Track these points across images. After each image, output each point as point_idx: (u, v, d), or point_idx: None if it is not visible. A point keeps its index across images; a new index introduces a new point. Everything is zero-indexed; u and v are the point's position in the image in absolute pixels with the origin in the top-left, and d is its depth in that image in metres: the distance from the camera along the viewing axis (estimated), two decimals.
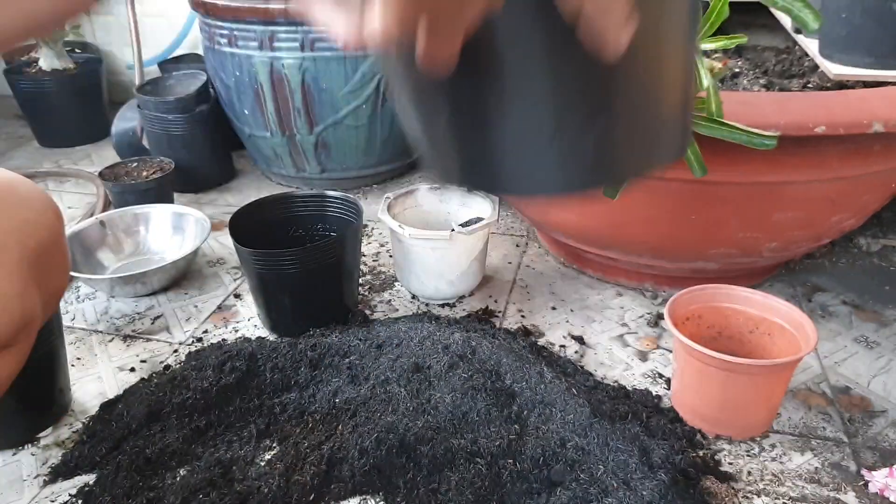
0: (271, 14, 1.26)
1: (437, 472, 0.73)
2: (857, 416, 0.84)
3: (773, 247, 0.94)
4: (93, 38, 2.05)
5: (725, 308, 0.86)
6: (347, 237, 0.96)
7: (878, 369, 0.92)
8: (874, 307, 1.05)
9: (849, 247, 1.22)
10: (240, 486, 0.72)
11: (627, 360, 0.94)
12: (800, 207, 0.87)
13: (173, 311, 1.08)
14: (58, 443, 0.82)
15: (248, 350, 0.89)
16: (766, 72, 1.15)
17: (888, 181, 0.89)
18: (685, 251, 0.96)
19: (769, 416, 0.81)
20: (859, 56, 0.87)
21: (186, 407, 0.82)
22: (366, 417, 0.80)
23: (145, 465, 0.76)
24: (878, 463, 0.77)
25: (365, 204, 1.40)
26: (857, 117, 0.74)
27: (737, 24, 1.39)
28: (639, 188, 0.88)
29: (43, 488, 0.76)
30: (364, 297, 1.10)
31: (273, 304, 0.98)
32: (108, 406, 0.86)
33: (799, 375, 0.90)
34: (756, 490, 0.74)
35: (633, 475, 0.69)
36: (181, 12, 1.89)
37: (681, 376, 0.82)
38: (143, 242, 1.22)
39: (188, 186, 1.49)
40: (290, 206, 1.06)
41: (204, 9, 1.33)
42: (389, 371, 0.85)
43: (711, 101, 0.63)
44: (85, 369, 0.95)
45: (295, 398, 0.84)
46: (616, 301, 1.08)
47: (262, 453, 0.78)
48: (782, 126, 0.74)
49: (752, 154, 0.81)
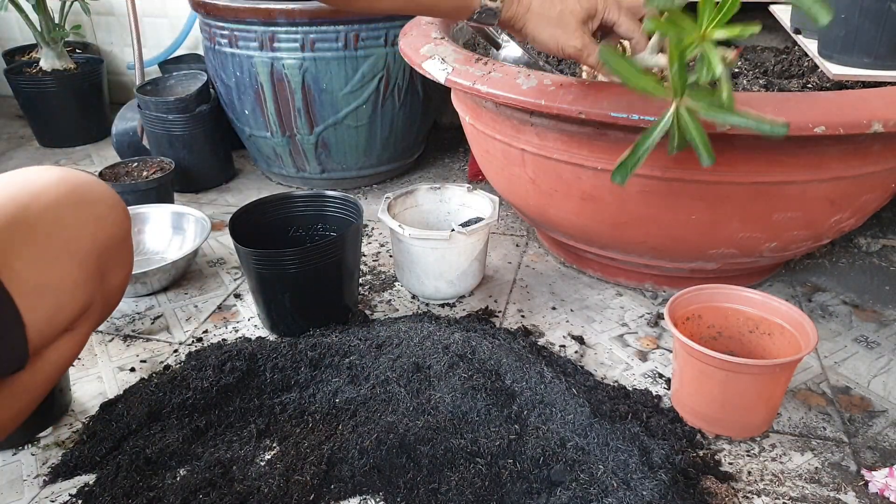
0: (272, 14, 1.26)
1: (437, 472, 0.73)
2: (857, 416, 0.84)
3: (772, 247, 0.94)
4: (93, 38, 2.05)
5: (725, 308, 0.86)
6: (347, 237, 0.96)
7: (879, 369, 0.92)
8: (874, 307, 1.05)
9: (849, 247, 1.22)
10: (240, 485, 0.72)
11: (627, 360, 0.94)
12: (799, 207, 0.87)
13: (173, 311, 1.08)
14: (58, 443, 0.82)
15: (248, 350, 0.90)
16: (766, 72, 1.15)
17: (888, 181, 0.89)
18: (685, 251, 0.97)
19: (769, 416, 0.81)
20: (858, 56, 0.87)
21: (186, 407, 0.83)
22: (366, 417, 0.80)
23: (145, 465, 0.76)
24: (878, 463, 0.77)
25: (365, 204, 1.40)
26: (857, 117, 0.74)
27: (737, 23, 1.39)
28: (639, 188, 0.88)
29: (43, 488, 0.76)
30: (364, 297, 1.10)
31: (273, 304, 0.98)
32: (108, 406, 0.86)
33: (799, 375, 0.90)
34: (756, 490, 0.74)
35: (633, 475, 0.69)
36: (182, 12, 1.89)
37: (681, 376, 0.82)
38: (144, 242, 1.22)
39: (188, 186, 1.49)
40: (291, 206, 1.06)
41: (204, 9, 1.33)
42: (389, 371, 0.85)
43: (723, 89, 0.64)
44: (85, 369, 0.95)
45: (295, 398, 0.84)
46: (616, 301, 1.08)
47: (263, 453, 0.78)
48: None
49: (752, 154, 0.82)
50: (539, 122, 0.90)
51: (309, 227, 1.07)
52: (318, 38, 1.27)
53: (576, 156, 0.89)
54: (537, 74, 0.86)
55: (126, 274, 0.69)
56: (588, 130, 0.86)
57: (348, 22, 1.26)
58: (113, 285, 0.67)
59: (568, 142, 0.89)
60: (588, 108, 0.80)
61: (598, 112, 0.79)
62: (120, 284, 0.69)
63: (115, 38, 2.04)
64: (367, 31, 1.28)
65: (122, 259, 0.67)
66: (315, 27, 1.26)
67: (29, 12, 1.69)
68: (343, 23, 1.26)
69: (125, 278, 0.69)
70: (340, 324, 0.99)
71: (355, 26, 1.27)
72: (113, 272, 0.66)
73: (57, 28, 1.74)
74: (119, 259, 0.67)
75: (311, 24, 1.26)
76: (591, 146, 0.87)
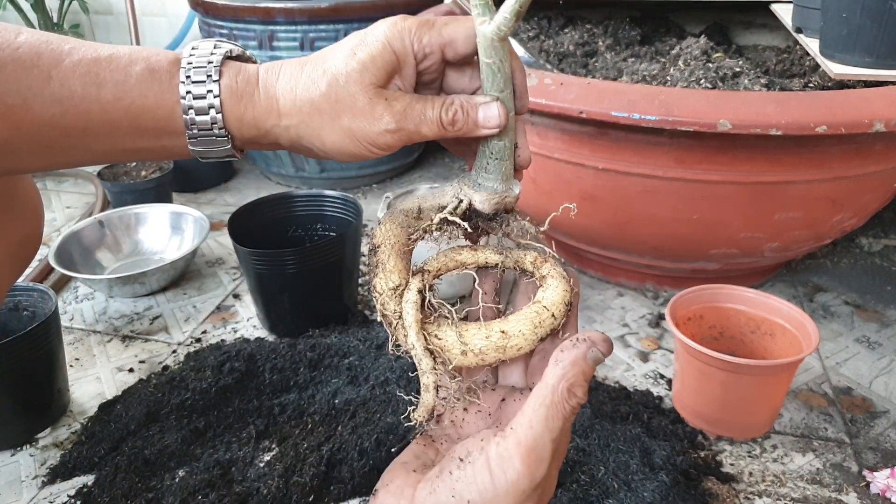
0: (271, 13, 1.25)
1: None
2: (858, 417, 0.84)
3: (774, 247, 0.93)
4: (92, 37, 2.05)
5: (727, 308, 0.86)
6: (347, 237, 0.95)
7: (880, 370, 0.92)
8: (876, 307, 1.05)
9: (850, 247, 1.22)
10: (239, 487, 0.72)
11: (628, 361, 0.94)
12: (801, 207, 0.87)
13: (172, 312, 1.08)
14: (56, 444, 0.82)
15: (247, 351, 0.89)
16: (767, 71, 1.15)
17: (890, 181, 0.89)
18: (686, 251, 0.96)
19: (771, 417, 0.81)
20: (860, 56, 0.86)
21: (185, 408, 0.82)
22: (365, 418, 0.79)
23: (144, 466, 0.75)
24: (879, 464, 0.77)
25: (365, 204, 1.40)
26: (859, 117, 0.74)
27: (737, 23, 1.39)
28: (640, 188, 0.87)
29: (41, 489, 0.76)
30: (364, 297, 1.09)
31: (272, 305, 0.97)
32: (106, 407, 0.86)
33: (800, 376, 0.90)
34: (757, 491, 0.74)
35: (634, 476, 0.69)
36: (180, 11, 1.89)
37: (682, 377, 0.81)
38: (142, 242, 1.22)
39: (187, 186, 1.48)
40: (290, 205, 1.05)
41: (203, 8, 1.33)
42: (389, 372, 0.85)
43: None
44: (83, 370, 0.94)
45: (294, 399, 0.84)
46: (617, 301, 1.08)
47: (262, 454, 0.78)
48: (784, 126, 0.74)
49: (753, 153, 0.81)
50: (540, 121, 0.90)
51: (308, 227, 1.06)
52: (317, 37, 1.26)
53: (576, 155, 0.89)
54: (538, 73, 0.85)
55: (28, 225, 0.56)
56: (589, 130, 0.85)
57: (348, 21, 1.26)
58: (11, 242, 0.54)
59: (569, 141, 0.88)
60: (589, 108, 0.79)
61: (599, 111, 0.79)
62: (23, 241, 0.56)
63: (114, 37, 2.03)
64: None
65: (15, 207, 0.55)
66: (314, 26, 1.26)
67: (27, 11, 1.68)
68: (342, 21, 1.26)
69: (29, 230, 0.56)
70: (340, 324, 0.99)
71: (355, 25, 1.26)
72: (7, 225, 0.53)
73: (55, 27, 1.74)
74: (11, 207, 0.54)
75: (311, 22, 1.25)
76: (592, 145, 0.86)
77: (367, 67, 0.39)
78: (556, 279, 0.42)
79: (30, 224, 0.57)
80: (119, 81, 0.39)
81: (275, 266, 0.93)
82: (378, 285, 0.41)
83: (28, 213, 0.56)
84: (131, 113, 0.39)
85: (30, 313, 0.87)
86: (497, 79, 0.39)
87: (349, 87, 0.39)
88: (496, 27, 0.36)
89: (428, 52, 0.40)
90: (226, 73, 0.40)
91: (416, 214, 0.44)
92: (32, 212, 0.57)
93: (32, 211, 0.57)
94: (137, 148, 0.41)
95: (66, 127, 0.39)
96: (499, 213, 0.43)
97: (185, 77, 0.39)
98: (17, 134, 0.38)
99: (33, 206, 0.57)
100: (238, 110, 0.40)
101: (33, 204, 0.57)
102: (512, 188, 0.43)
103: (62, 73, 0.38)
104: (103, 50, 0.39)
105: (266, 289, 0.96)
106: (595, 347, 0.37)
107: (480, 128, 0.40)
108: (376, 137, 0.40)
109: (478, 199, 0.42)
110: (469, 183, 0.43)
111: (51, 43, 0.39)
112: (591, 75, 1.12)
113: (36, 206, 0.58)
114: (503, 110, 0.40)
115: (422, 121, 0.40)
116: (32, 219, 0.57)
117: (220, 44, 0.42)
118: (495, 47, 0.37)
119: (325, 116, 0.40)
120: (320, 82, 0.39)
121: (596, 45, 1.24)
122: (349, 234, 0.96)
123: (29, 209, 0.56)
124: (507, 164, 0.42)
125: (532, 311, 0.41)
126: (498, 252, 0.45)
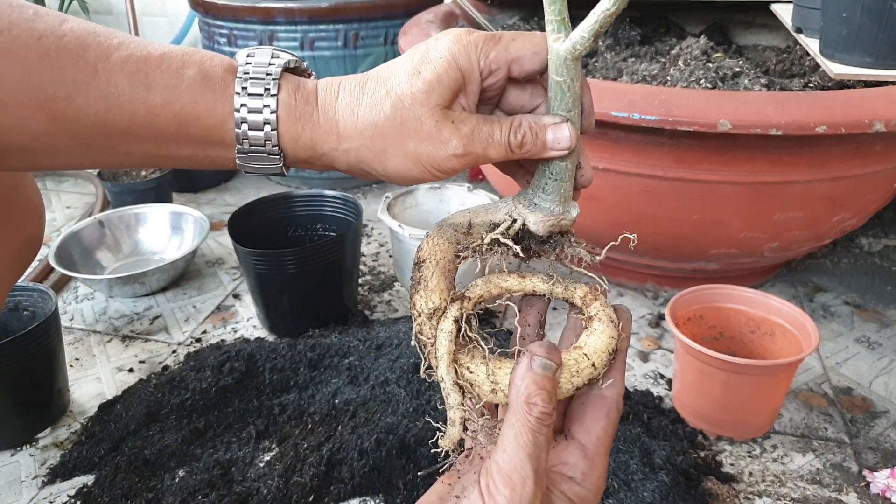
0: (271, 13, 1.25)
1: (437, 473, 0.72)
2: (858, 417, 0.84)
3: (774, 247, 0.93)
4: None
5: (727, 308, 0.86)
6: (347, 237, 0.95)
7: (880, 370, 0.92)
8: (876, 307, 1.05)
9: (850, 247, 1.22)
10: (239, 487, 0.72)
11: (629, 361, 0.94)
12: (801, 207, 0.87)
13: (172, 312, 1.08)
14: (56, 443, 0.82)
15: (247, 351, 0.89)
16: (767, 71, 1.15)
17: (889, 181, 0.89)
18: (686, 251, 0.96)
19: (771, 417, 0.81)
20: (860, 56, 0.86)
21: (185, 408, 0.82)
22: (365, 418, 0.79)
23: (144, 466, 0.75)
24: (879, 464, 0.77)
25: (365, 204, 1.40)
26: (859, 117, 0.74)
27: (737, 23, 1.39)
28: (641, 188, 0.87)
29: (41, 489, 0.76)
30: (364, 297, 1.09)
31: (272, 305, 0.97)
32: (106, 407, 0.86)
33: (800, 376, 0.90)
34: (757, 491, 0.74)
35: (634, 476, 0.69)
36: (180, 11, 1.89)
37: (682, 377, 0.81)
38: (142, 242, 1.22)
39: (187, 186, 1.48)
40: (290, 205, 1.05)
41: (203, 8, 1.33)
42: (389, 372, 0.85)
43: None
44: (83, 370, 0.94)
45: (294, 399, 0.84)
46: (617, 301, 1.08)
47: (262, 454, 0.78)
48: (784, 126, 0.74)
49: (753, 154, 0.81)
50: None
51: (308, 227, 1.06)
52: (317, 37, 1.26)
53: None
54: None
55: (29, 228, 0.56)
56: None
57: (348, 21, 1.26)
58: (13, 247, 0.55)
59: None
60: None
61: (599, 111, 0.79)
62: (23, 245, 0.56)
63: None
64: (367, 29, 1.28)
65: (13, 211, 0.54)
66: (314, 26, 1.26)
67: None
68: (342, 21, 1.26)
69: (29, 233, 0.56)
70: (340, 324, 0.99)
71: (354, 25, 1.26)
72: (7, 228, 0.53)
73: None
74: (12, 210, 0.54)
75: (311, 22, 1.25)
76: (592, 145, 0.86)
77: (433, 88, 0.36)
78: (604, 323, 0.40)
79: (31, 227, 0.57)
80: (170, 85, 0.36)
81: (275, 266, 0.93)
82: (418, 303, 0.40)
83: (29, 215, 0.56)
84: (179, 119, 0.37)
85: (30, 313, 0.87)
86: (566, 98, 0.37)
87: (415, 110, 0.37)
88: (572, 45, 0.35)
89: (494, 68, 0.38)
90: (284, 88, 0.38)
91: (465, 230, 0.42)
92: (34, 214, 0.57)
93: (34, 213, 0.57)
94: (181, 155, 0.39)
95: (107, 126, 0.36)
96: (553, 236, 0.42)
97: (240, 88, 0.37)
98: (53, 128, 0.35)
99: (34, 208, 0.57)
100: (295, 130, 0.38)
101: (34, 206, 0.57)
102: (569, 210, 0.41)
103: (109, 69, 0.35)
104: (154, 49, 0.37)
105: (266, 289, 0.96)
106: (535, 356, 0.36)
107: (549, 150, 0.38)
108: (442, 162, 0.38)
109: (532, 221, 0.41)
110: (525, 202, 0.41)
111: (98, 35, 0.36)
112: (590, 75, 1.12)
113: (37, 208, 0.58)
114: (574, 132, 0.38)
115: (489, 144, 0.38)
116: (34, 221, 0.57)
117: (277, 53, 0.39)
118: (568, 66, 0.36)
119: (388, 140, 0.37)
120: (384, 104, 0.37)
121: (596, 45, 1.24)
122: (349, 234, 0.96)
123: (30, 211, 0.56)
124: (566, 185, 0.40)
125: (571, 358, 0.38)
126: (546, 280, 0.43)
